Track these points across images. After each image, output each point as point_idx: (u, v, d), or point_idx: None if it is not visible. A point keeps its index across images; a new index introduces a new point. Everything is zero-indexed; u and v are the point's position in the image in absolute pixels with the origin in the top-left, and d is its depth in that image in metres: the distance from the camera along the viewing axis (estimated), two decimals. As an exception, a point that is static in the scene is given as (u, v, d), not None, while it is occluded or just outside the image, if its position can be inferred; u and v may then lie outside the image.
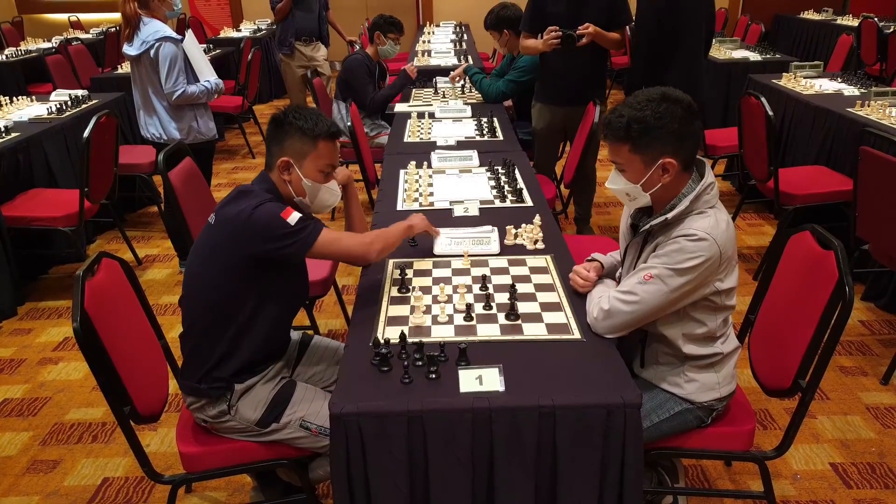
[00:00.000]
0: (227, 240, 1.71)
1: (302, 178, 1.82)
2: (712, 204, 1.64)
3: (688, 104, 1.61)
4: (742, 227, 4.23)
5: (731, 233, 1.63)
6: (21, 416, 2.68)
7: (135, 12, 3.36)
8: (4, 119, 3.88)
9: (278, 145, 1.82)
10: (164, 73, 3.37)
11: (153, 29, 3.36)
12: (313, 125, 1.80)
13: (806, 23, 7.99)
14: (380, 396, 1.47)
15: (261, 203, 1.70)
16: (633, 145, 1.62)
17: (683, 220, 1.63)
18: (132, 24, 3.37)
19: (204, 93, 3.52)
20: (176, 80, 3.39)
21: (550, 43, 3.41)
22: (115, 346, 1.65)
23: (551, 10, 3.49)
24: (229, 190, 5.14)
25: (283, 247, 1.70)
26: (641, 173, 1.64)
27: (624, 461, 1.47)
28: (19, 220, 3.36)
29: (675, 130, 1.59)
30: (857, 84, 4.21)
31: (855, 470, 2.28)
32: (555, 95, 3.69)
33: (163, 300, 3.53)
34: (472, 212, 2.47)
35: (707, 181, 1.64)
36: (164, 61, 3.35)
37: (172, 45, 3.36)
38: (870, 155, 2.72)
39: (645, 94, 1.62)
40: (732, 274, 1.67)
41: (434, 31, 7.88)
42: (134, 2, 3.35)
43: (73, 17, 9.34)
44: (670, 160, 1.60)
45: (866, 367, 2.82)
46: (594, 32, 3.36)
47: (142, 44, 3.36)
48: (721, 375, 1.74)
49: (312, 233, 1.74)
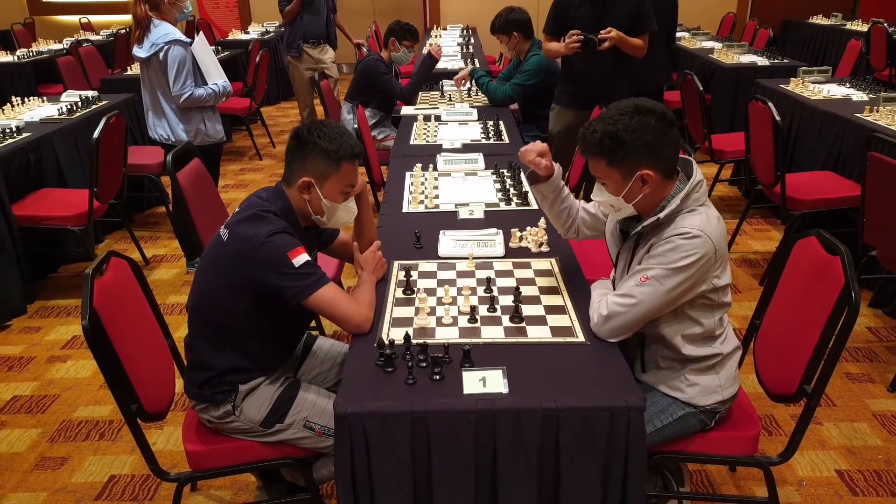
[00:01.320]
0: (235, 259, 1.70)
1: (322, 198, 1.80)
2: (702, 202, 1.65)
3: (661, 114, 1.61)
4: (748, 231, 4.21)
5: (723, 228, 1.65)
6: (30, 413, 2.70)
7: (146, 14, 3.39)
8: (16, 119, 3.91)
9: (300, 163, 1.79)
10: (173, 75, 3.40)
11: (163, 32, 3.39)
12: (337, 147, 1.77)
13: (815, 27, 7.96)
14: (384, 397, 1.48)
15: (274, 232, 1.68)
16: (609, 160, 1.63)
17: (675, 219, 1.64)
18: (143, 25, 3.41)
19: (211, 96, 3.54)
20: (184, 83, 3.42)
21: (572, 46, 3.41)
22: (123, 345, 1.66)
23: (574, 13, 3.49)
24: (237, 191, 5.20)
25: (281, 286, 1.68)
26: (621, 186, 1.65)
27: (627, 464, 1.48)
28: (29, 220, 3.39)
29: (649, 142, 1.59)
30: (865, 89, 4.20)
31: (861, 477, 2.27)
32: (575, 99, 3.68)
33: (170, 300, 3.55)
34: (477, 214, 2.48)
35: (695, 179, 1.65)
36: (172, 64, 3.38)
37: (181, 48, 3.39)
38: (878, 160, 2.71)
39: (617, 107, 1.63)
40: (727, 270, 1.68)
41: (441, 34, 7.90)
42: (145, 4, 3.38)
43: (84, 19, 9.41)
44: (647, 172, 1.61)
45: (873, 374, 2.81)
46: (617, 37, 3.35)
47: (151, 46, 3.39)
48: (722, 378, 1.74)
49: (312, 286, 1.69)
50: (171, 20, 3.48)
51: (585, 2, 3.46)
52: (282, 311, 1.76)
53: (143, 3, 3.38)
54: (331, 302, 1.71)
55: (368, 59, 4.33)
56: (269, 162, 5.91)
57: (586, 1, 3.45)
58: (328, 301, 1.71)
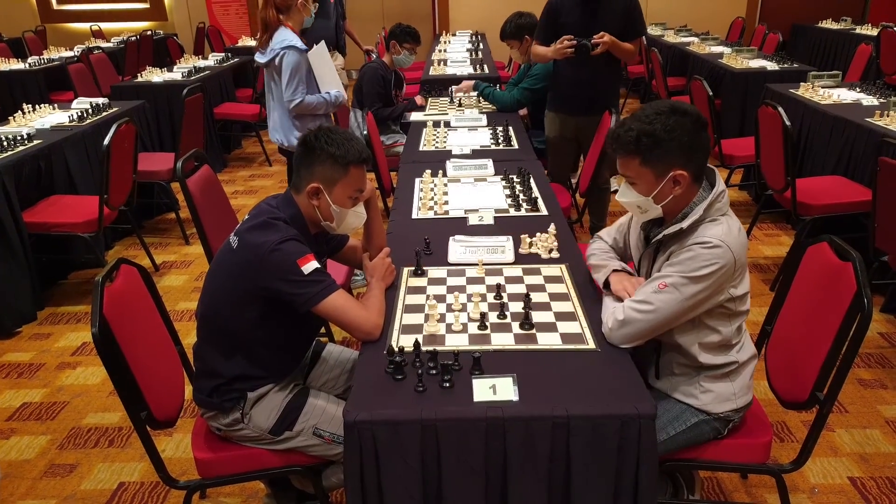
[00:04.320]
0: (244, 266, 1.71)
1: (331, 203, 1.81)
2: (724, 211, 1.65)
3: (696, 116, 1.62)
4: (759, 237, 4.19)
5: (743, 239, 1.64)
6: (39, 420, 2.71)
7: (276, 19, 3.36)
8: (27, 126, 3.94)
9: (308, 169, 1.80)
10: (285, 81, 3.37)
11: (281, 37, 3.36)
12: (345, 152, 1.78)
13: (824, 32, 7.93)
14: (393, 405, 1.48)
15: (283, 240, 1.69)
16: (644, 159, 1.63)
17: (697, 228, 1.64)
18: (270, 30, 3.37)
19: (322, 104, 3.50)
20: (295, 89, 3.38)
21: (563, 51, 3.42)
22: (133, 352, 1.67)
23: (565, 19, 3.50)
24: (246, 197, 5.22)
25: (290, 293, 1.69)
26: (653, 186, 1.65)
27: (638, 472, 1.47)
28: (40, 226, 3.41)
29: (686, 143, 1.60)
30: (876, 94, 4.17)
31: (874, 484, 2.25)
32: (567, 104, 3.69)
33: (179, 306, 3.56)
34: (486, 220, 2.48)
35: (718, 189, 1.65)
36: (286, 70, 3.35)
37: (296, 55, 3.35)
38: (889, 165, 2.69)
39: (653, 107, 1.64)
40: (745, 279, 1.68)
41: (450, 40, 7.91)
42: (274, 8, 3.34)
43: (95, 27, 9.49)
44: (681, 172, 1.61)
45: (886, 380, 2.78)
46: (609, 42, 3.36)
47: (270, 51, 3.37)
48: (737, 385, 1.73)
49: (322, 293, 1.69)
50: (298, 24, 3.46)
51: (576, 7, 3.47)
52: (291, 318, 1.76)
53: (272, 7, 3.34)
54: (340, 309, 1.71)
55: (368, 66, 4.40)
56: (279, 168, 5.93)
57: (577, 6, 3.46)
58: (338, 308, 1.71)
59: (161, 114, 5.28)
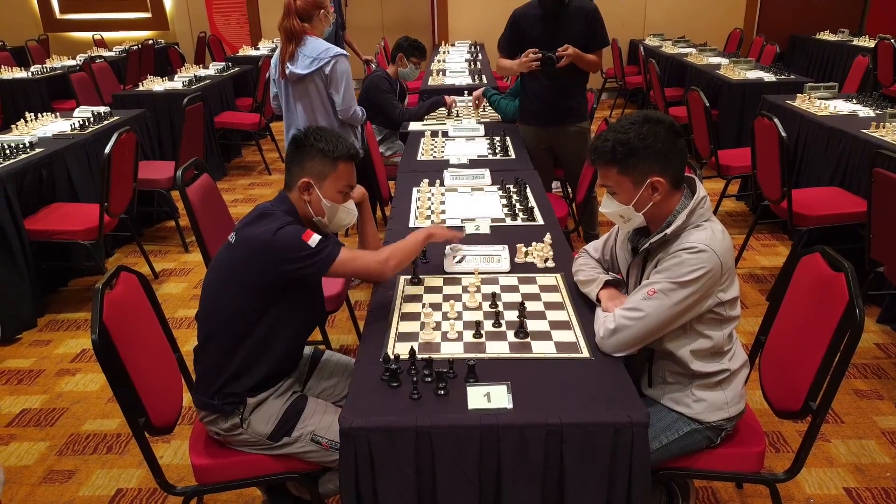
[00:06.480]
0: (247, 260, 1.74)
1: (322, 198, 1.86)
2: (707, 217, 1.69)
3: (669, 124, 1.67)
4: (755, 247, 4.21)
5: (728, 243, 1.67)
6: (38, 426, 2.72)
7: (301, 28, 3.24)
8: (29, 135, 3.97)
9: (298, 166, 1.86)
10: (342, 89, 3.28)
11: (322, 46, 3.26)
12: (333, 147, 1.85)
13: (821, 44, 7.97)
14: (389, 412, 1.49)
15: (282, 226, 1.74)
16: (621, 167, 1.68)
17: (681, 234, 1.67)
18: (297, 40, 3.25)
19: (361, 116, 3.48)
20: (352, 96, 3.34)
21: (528, 65, 3.46)
22: (132, 359, 1.68)
23: (530, 34, 3.55)
24: (245, 205, 5.24)
25: (303, 267, 1.74)
26: (632, 194, 1.69)
27: (631, 480, 1.48)
28: (41, 234, 3.43)
29: (660, 149, 1.65)
30: (872, 105, 4.20)
31: (869, 495, 2.25)
32: (537, 117, 3.73)
33: (178, 314, 3.57)
34: (483, 230, 2.50)
35: (699, 195, 1.69)
36: (340, 77, 3.26)
37: (347, 62, 3.30)
38: (883, 177, 2.71)
39: (628, 117, 1.70)
40: (734, 284, 1.70)
41: (449, 50, 7.96)
42: (296, 18, 3.22)
43: (97, 36, 9.55)
44: (658, 179, 1.66)
45: (882, 391, 2.79)
46: (573, 54, 3.42)
47: (313, 61, 3.24)
48: (729, 394, 1.74)
49: (331, 254, 1.78)
50: (321, 34, 3.34)
51: (539, 21, 3.52)
52: (291, 312, 1.79)
53: (295, 16, 3.21)
54: (349, 261, 1.82)
55: (373, 75, 4.38)
56: (278, 177, 5.95)
57: (540, 20, 3.51)
58: (347, 261, 1.81)
59: (162, 122, 5.32)
